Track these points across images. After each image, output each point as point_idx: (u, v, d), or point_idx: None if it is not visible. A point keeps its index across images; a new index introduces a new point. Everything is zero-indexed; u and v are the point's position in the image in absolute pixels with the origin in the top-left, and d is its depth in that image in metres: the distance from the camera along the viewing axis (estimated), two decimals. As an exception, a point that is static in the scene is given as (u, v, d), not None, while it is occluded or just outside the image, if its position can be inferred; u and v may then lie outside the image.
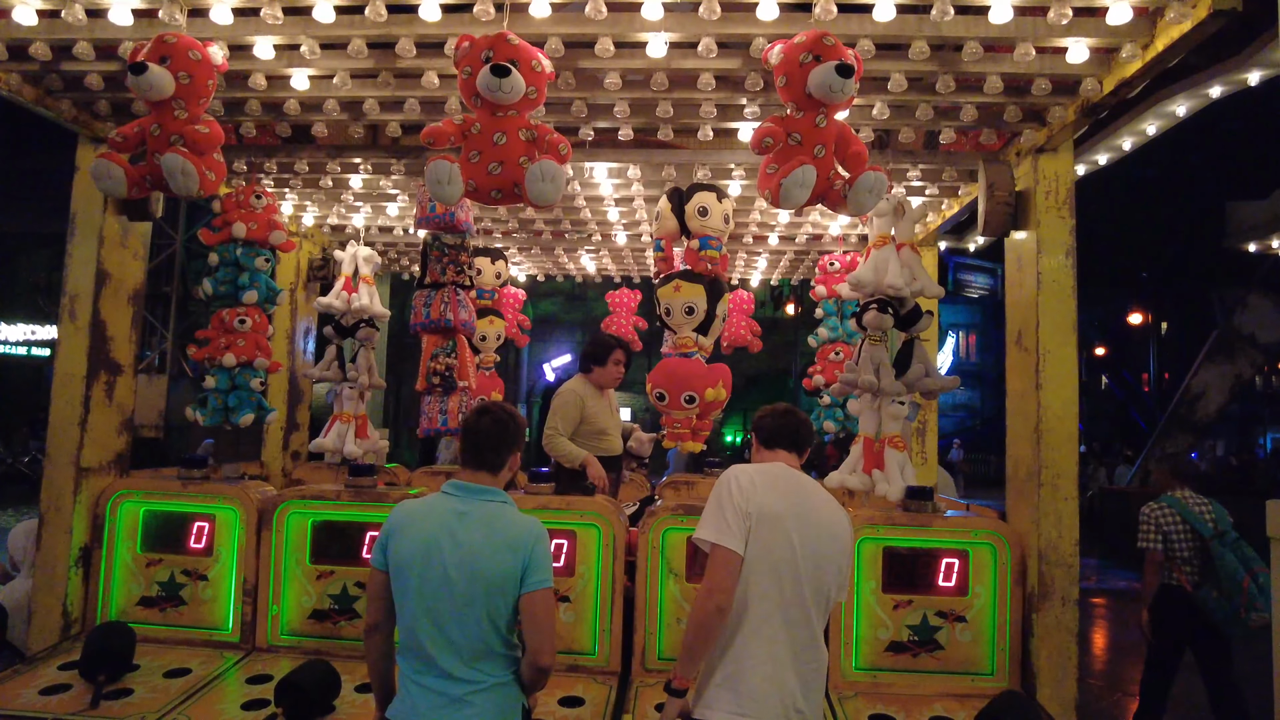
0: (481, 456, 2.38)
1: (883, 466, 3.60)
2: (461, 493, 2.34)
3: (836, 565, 2.34)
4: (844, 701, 3.19)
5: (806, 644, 2.26)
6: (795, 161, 2.36)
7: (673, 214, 3.80)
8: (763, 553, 2.25)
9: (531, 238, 5.46)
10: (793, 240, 5.28)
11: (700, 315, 3.73)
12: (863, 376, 3.56)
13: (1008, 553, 3.33)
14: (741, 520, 2.26)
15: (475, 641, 2.22)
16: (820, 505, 2.37)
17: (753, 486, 2.30)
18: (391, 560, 2.28)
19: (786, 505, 2.29)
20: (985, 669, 3.31)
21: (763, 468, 2.41)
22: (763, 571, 2.25)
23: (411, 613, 2.23)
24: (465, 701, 2.18)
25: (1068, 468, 3.34)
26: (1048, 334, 3.39)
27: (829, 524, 2.35)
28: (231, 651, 3.53)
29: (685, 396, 3.64)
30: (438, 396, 3.85)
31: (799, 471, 2.44)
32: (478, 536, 2.25)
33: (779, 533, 2.26)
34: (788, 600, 2.25)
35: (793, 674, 2.23)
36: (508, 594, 2.23)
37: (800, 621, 2.26)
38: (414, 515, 2.32)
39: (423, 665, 2.23)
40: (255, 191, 4.20)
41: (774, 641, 2.23)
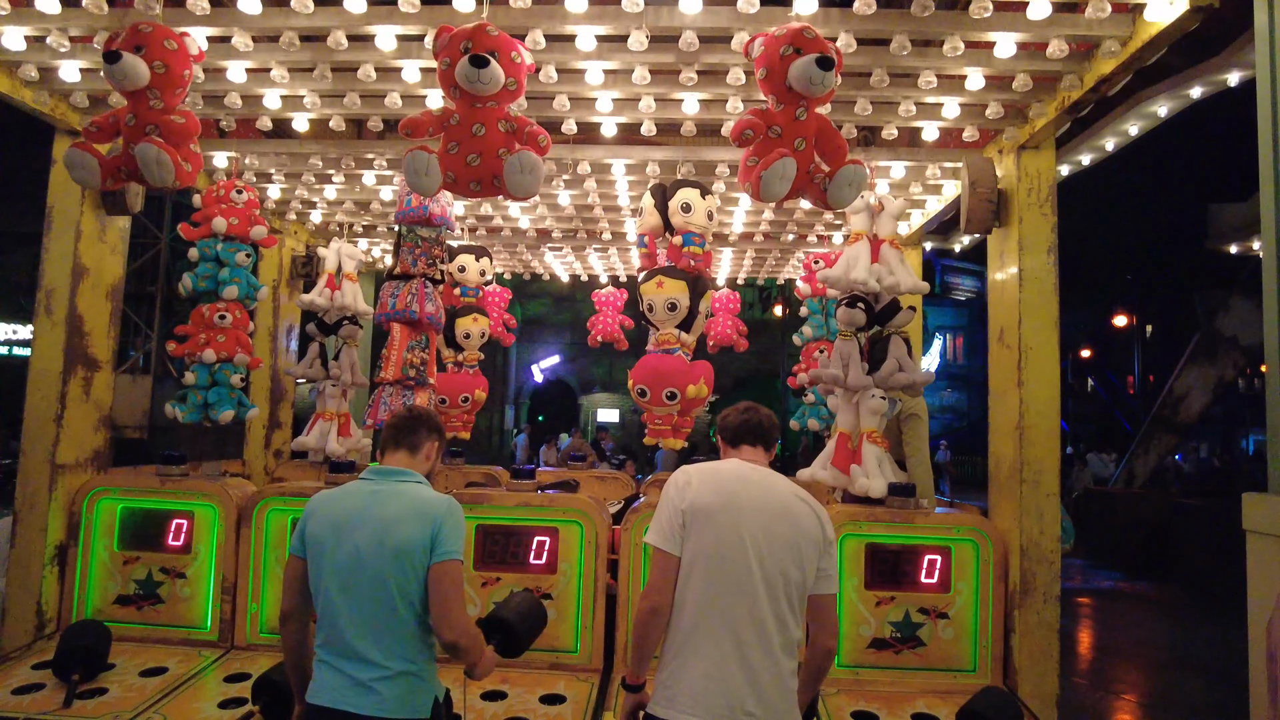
0: (399, 437, 2.43)
1: (859, 461, 3.59)
2: (377, 475, 2.36)
3: (796, 556, 2.24)
4: (826, 698, 3.18)
5: (758, 641, 2.17)
6: (775, 154, 2.35)
7: (656, 210, 3.79)
8: (701, 549, 2.22)
9: (516, 235, 5.44)
10: (778, 239, 5.28)
11: (683, 312, 3.72)
12: (826, 371, 3.56)
13: (990, 549, 3.33)
14: (677, 519, 2.24)
15: (388, 620, 2.19)
16: (775, 496, 2.30)
17: (688, 484, 2.28)
18: (308, 542, 2.27)
19: (726, 499, 2.25)
20: (967, 666, 3.31)
21: (706, 465, 2.39)
22: (702, 568, 2.21)
23: (326, 593, 2.21)
24: (370, 687, 2.15)
25: (1049, 464, 3.34)
26: (1030, 331, 3.40)
27: (784, 515, 2.27)
28: (210, 650, 3.50)
29: (667, 393, 3.63)
30: (400, 390, 3.82)
31: (759, 465, 2.40)
32: (389, 510, 2.24)
33: (717, 528, 2.22)
34: (732, 596, 2.19)
35: (739, 672, 2.15)
36: (417, 566, 2.21)
37: (749, 618, 2.18)
38: (330, 498, 2.33)
39: (335, 647, 2.21)
40: (236, 186, 4.16)
41: (715, 638, 2.17)
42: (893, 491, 3.45)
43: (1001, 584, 3.32)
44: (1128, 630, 8.21)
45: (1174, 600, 9.84)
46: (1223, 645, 7.26)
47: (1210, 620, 8.41)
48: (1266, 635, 2.05)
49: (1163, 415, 12.83)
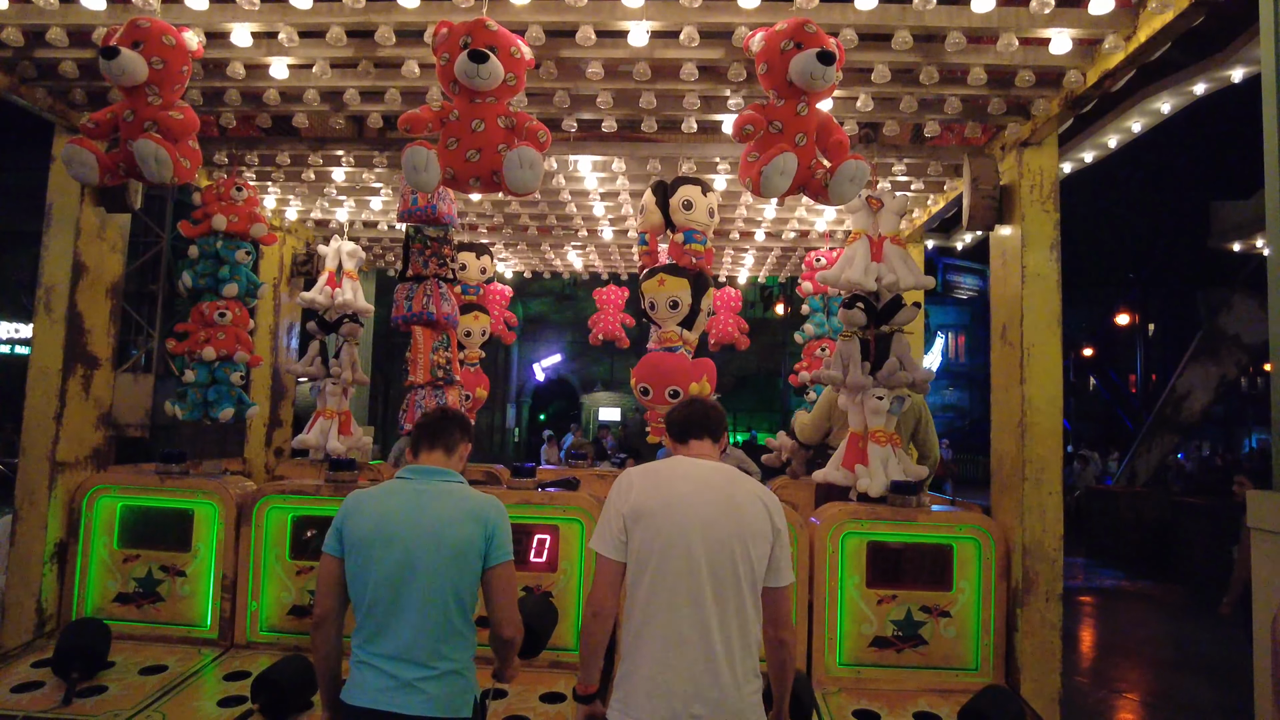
0: (435, 438, 2.45)
1: (865, 461, 3.58)
2: (418, 475, 2.38)
3: (744, 550, 2.19)
4: (828, 697, 3.16)
5: (702, 641, 2.13)
6: (776, 149, 2.34)
7: (657, 207, 3.78)
8: (644, 552, 2.19)
9: (517, 233, 5.43)
10: (779, 236, 5.27)
11: (685, 309, 3.70)
12: (825, 372, 3.55)
13: (992, 547, 3.32)
14: (618, 522, 2.23)
15: (440, 620, 2.21)
16: (717, 492, 2.25)
17: (630, 488, 2.27)
18: (348, 542, 2.27)
19: (666, 499, 2.22)
20: (970, 664, 3.29)
21: (649, 466, 2.37)
22: (646, 571, 2.18)
23: (371, 593, 2.21)
24: (416, 687, 2.16)
25: (1052, 462, 3.33)
26: (1032, 328, 3.39)
27: (728, 509, 2.22)
28: (210, 648, 3.49)
29: (669, 391, 3.62)
30: (431, 391, 3.81)
31: (704, 460, 2.36)
32: (441, 509, 2.28)
33: (659, 529, 2.19)
34: (676, 597, 2.15)
35: (684, 676, 2.11)
36: (472, 564, 2.26)
37: (694, 618, 2.14)
38: (371, 496, 2.35)
39: (378, 647, 2.20)
40: (236, 184, 4.16)
41: (659, 641, 2.14)
42: (895, 490, 3.43)
43: (1004, 582, 3.31)
44: (1130, 629, 8.20)
45: (1176, 599, 9.81)
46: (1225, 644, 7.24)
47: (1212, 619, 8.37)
48: (1271, 633, 2.03)
49: (1165, 414, 12.80)
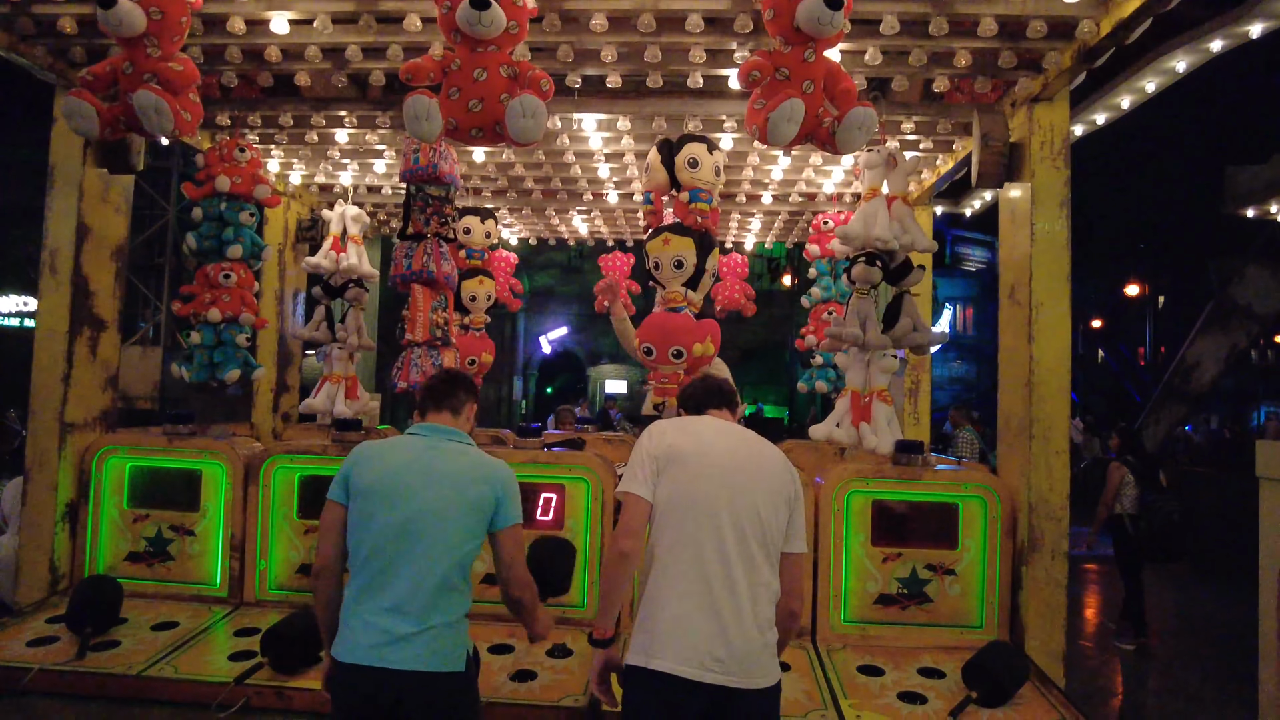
0: (442, 400, 2.47)
1: (870, 420, 3.57)
2: (429, 432, 2.40)
3: (770, 504, 2.27)
4: (832, 653, 3.18)
5: (727, 587, 2.18)
6: (782, 96, 2.30)
7: (662, 166, 3.74)
8: (674, 495, 2.23)
9: (521, 197, 5.39)
10: (786, 200, 5.22)
11: (689, 270, 3.68)
12: (847, 329, 3.53)
13: (998, 506, 3.31)
14: (651, 465, 2.27)
15: (440, 574, 2.22)
16: (748, 446, 2.35)
17: (663, 434, 2.33)
18: (354, 490, 2.28)
19: (699, 446, 2.29)
20: (974, 621, 3.31)
21: (681, 419, 2.44)
22: (674, 514, 2.22)
23: (372, 542, 2.23)
24: (408, 641, 2.17)
25: (1059, 420, 3.31)
26: (1041, 287, 3.35)
27: (757, 464, 2.31)
28: (220, 606, 3.53)
29: (673, 351, 3.60)
30: (428, 351, 3.80)
31: (728, 421, 2.45)
32: (450, 467, 2.30)
33: (690, 474, 2.24)
34: (702, 543, 2.20)
35: (708, 619, 2.15)
36: (478, 525, 2.29)
37: (718, 563, 2.19)
38: (380, 448, 2.37)
39: (372, 600, 2.21)
40: (239, 145, 4.13)
41: (684, 584, 2.18)
42: (900, 449, 3.43)
43: (1009, 540, 3.31)
44: (1139, 600, 8.20)
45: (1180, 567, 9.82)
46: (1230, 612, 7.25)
47: (1217, 588, 8.41)
48: (1278, 580, 2.03)
49: (1173, 385, 12.73)
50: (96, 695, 2.91)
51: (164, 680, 2.92)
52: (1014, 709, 2.79)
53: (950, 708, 2.77)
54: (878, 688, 2.93)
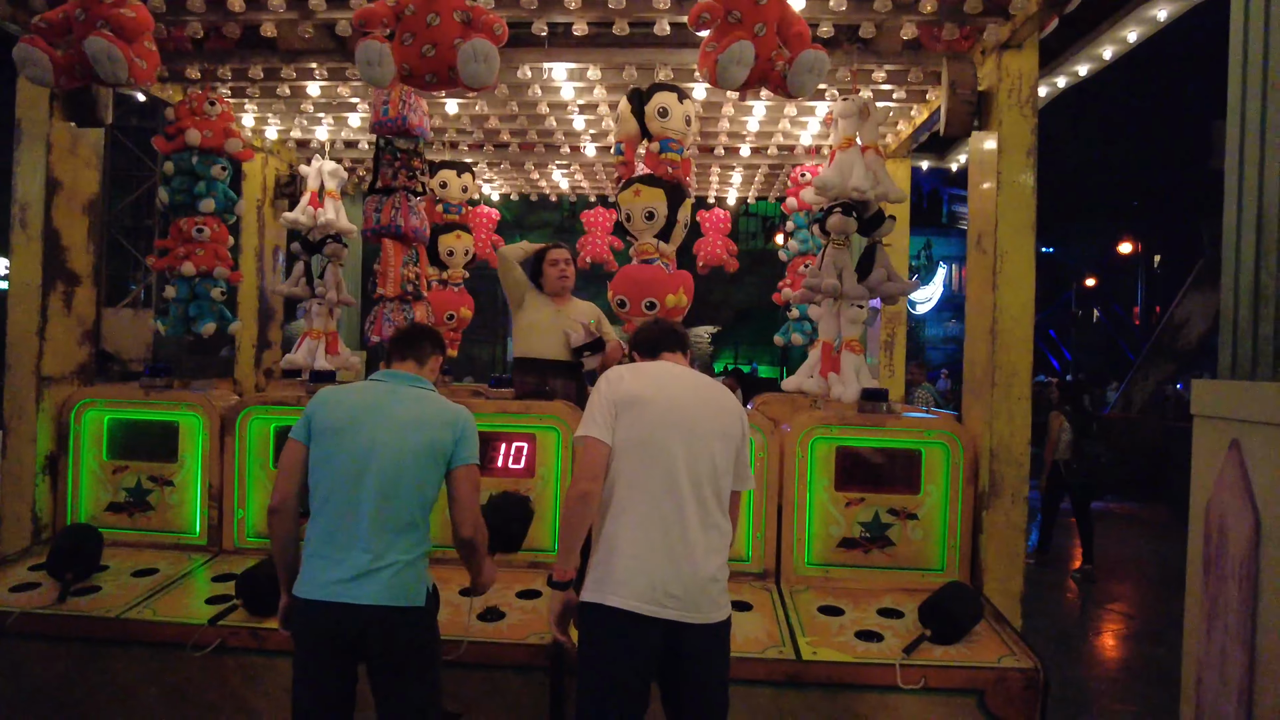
0: (407, 350, 2.56)
1: (839, 370, 3.61)
2: (389, 378, 2.47)
3: (723, 446, 2.37)
4: (795, 594, 3.27)
5: (681, 527, 2.26)
6: (732, 38, 2.30)
7: (633, 116, 3.72)
8: (631, 438, 2.30)
9: (499, 151, 5.37)
10: (764, 152, 5.20)
11: (661, 221, 3.68)
12: (825, 280, 3.55)
13: (960, 452, 3.37)
14: (609, 409, 2.33)
15: (398, 512, 2.29)
16: (701, 391, 2.43)
17: (620, 379, 2.40)
18: (315, 430, 2.34)
19: (655, 391, 2.36)
20: (936, 564, 3.38)
21: (637, 364, 2.52)
22: (631, 456, 2.30)
23: (331, 482, 2.29)
24: (368, 577, 2.24)
25: (1022, 368, 3.35)
26: (1006, 235, 3.37)
27: (710, 408, 2.40)
28: (199, 553, 3.60)
29: (646, 303, 3.63)
30: (399, 305, 3.83)
31: (681, 365, 2.54)
32: (411, 410, 2.36)
33: (646, 418, 2.32)
34: (658, 484, 2.28)
35: (664, 557, 2.24)
36: (437, 465, 2.35)
37: (673, 504, 2.27)
38: (342, 390, 2.47)
39: (332, 538, 2.28)
40: (209, 98, 4.10)
41: (641, 523, 2.26)
42: (865, 396, 3.47)
43: (971, 486, 3.37)
44: (1117, 548, 8.38)
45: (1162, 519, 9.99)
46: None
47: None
48: (1205, 515, 2.08)
49: (1162, 342, 12.80)
50: (76, 637, 2.99)
51: (142, 623, 3.00)
52: (966, 646, 2.88)
53: (904, 645, 2.85)
54: (836, 626, 3.02)
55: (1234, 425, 1.99)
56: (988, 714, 2.76)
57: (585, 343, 3.76)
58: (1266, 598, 1.86)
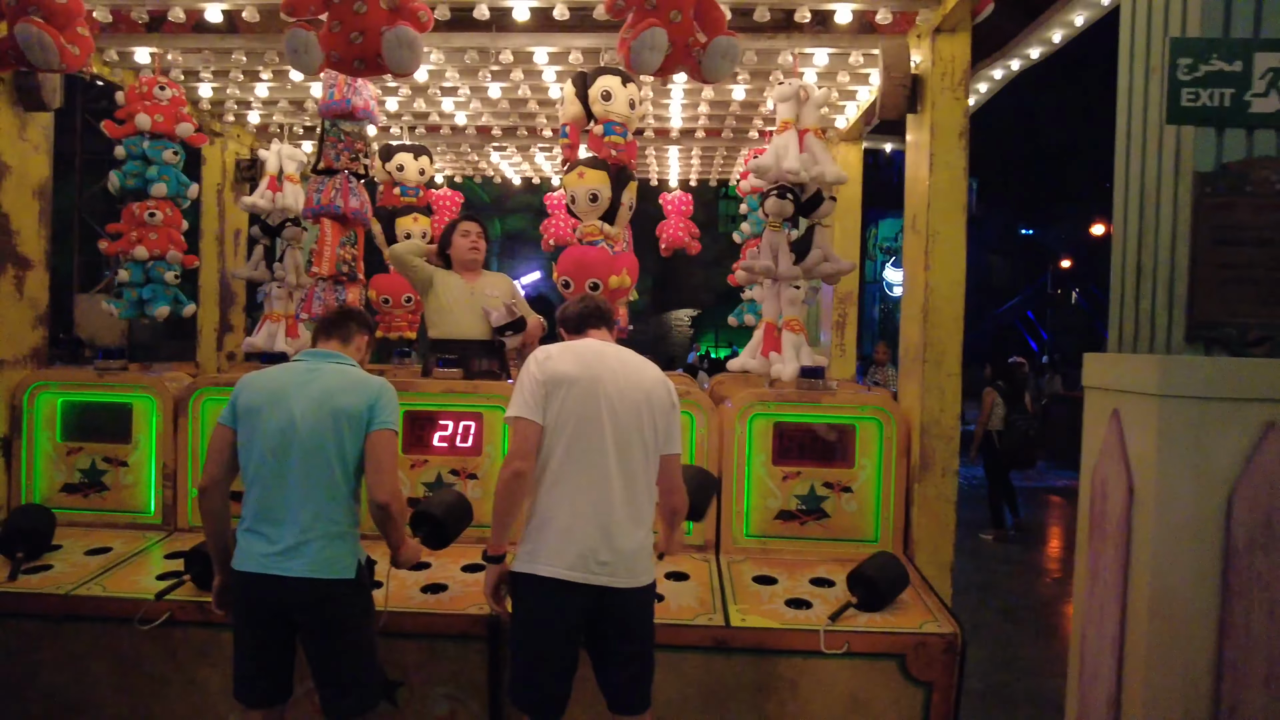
0: (332, 330, 2.63)
1: (779, 349, 3.71)
2: (311, 357, 2.54)
3: (650, 419, 2.47)
4: (733, 565, 3.37)
5: (609, 498, 2.38)
6: (646, 24, 2.37)
7: (577, 99, 3.78)
8: (562, 415, 2.40)
9: (456, 134, 5.41)
10: (719, 135, 5.27)
11: (605, 203, 3.75)
12: (759, 262, 3.63)
13: (894, 427, 3.47)
14: (539, 389, 2.41)
15: (321, 483, 2.36)
16: (628, 366, 2.53)
17: (548, 358, 2.48)
18: (240, 412, 2.42)
19: (583, 368, 2.45)
20: (869, 536, 3.50)
21: (562, 344, 2.61)
22: (562, 431, 2.39)
23: (259, 458, 2.36)
24: (297, 550, 2.33)
25: (952, 346, 3.45)
26: (938, 216, 3.46)
27: (637, 382, 2.49)
28: (154, 532, 3.66)
29: (590, 283, 3.70)
30: (333, 286, 3.89)
31: (606, 341, 2.63)
32: (328, 382, 2.43)
33: (575, 394, 2.41)
34: (589, 458, 2.38)
35: (595, 527, 2.35)
36: (355, 431, 2.41)
37: (603, 477, 2.38)
38: (263, 373, 2.53)
39: (264, 514, 2.36)
40: (159, 83, 4.13)
41: (572, 495, 2.37)
42: (803, 374, 3.57)
43: (904, 460, 3.48)
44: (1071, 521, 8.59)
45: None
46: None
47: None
48: (1092, 480, 2.19)
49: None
50: (26, 614, 3.06)
51: (93, 599, 3.07)
52: (891, 613, 2.99)
53: (831, 612, 2.97)
54: (768, 595, 3.12)
55: (1114, 395, 2.09)
56: (908, 677, 2.88)
57: (507, 322, 3.80)
58: (1136, 555, 1.98)
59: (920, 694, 2.88)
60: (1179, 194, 1.99)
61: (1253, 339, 1.91)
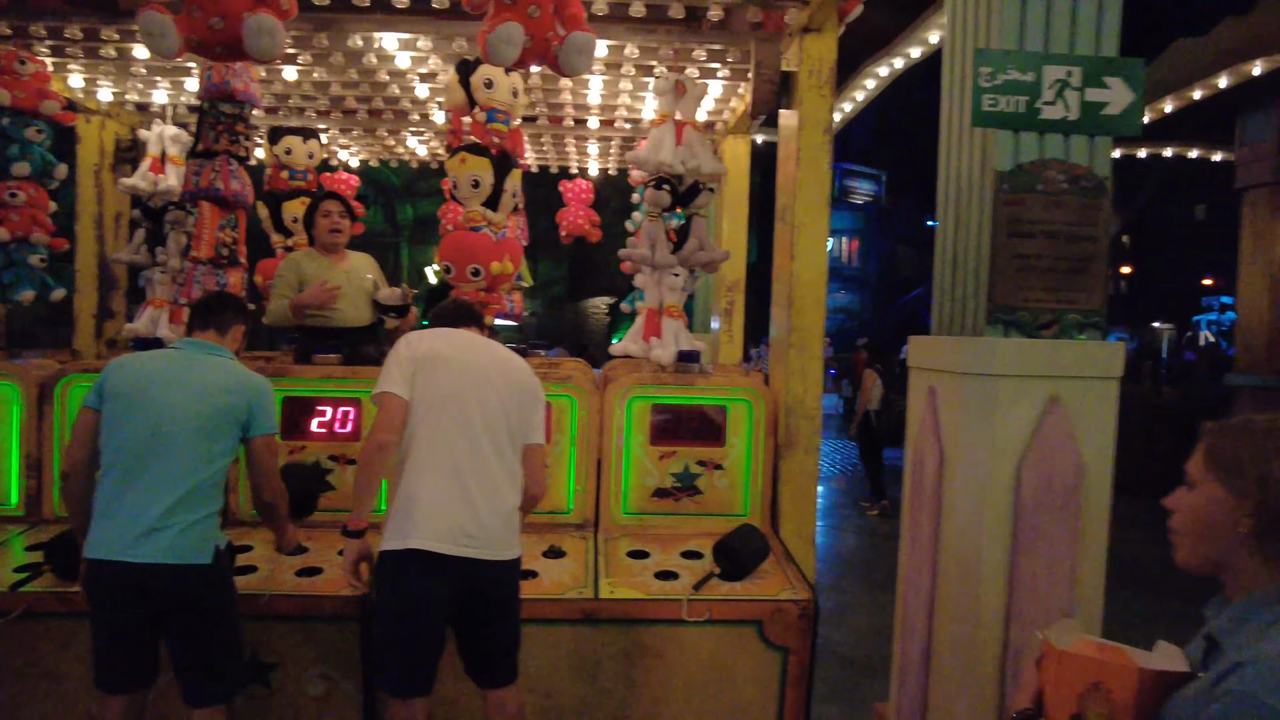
0: (208, 318, 2.62)
1: (659, 335, 3.85)
2: (186, 346, 2.52)
3: (516, 402, 2.59)
4: (610, 542, 3.50)
5: (476, 474, 2.47)
6: (502, 19, 2.44)
7: (460, 86, 3.81)
8: (430, 393, 2.49)
9: (349, 118, 5.35)
10: (613, 125, 5.36)
11: (487, 190, 3.80)
12: (636, 251, 3.76)
13: (762, 408, 3.65)
14: (408, 366, 2.50)
15: (187, 474, 2.38)
16: (497, 353, 2.67)
17: (420, 339, 2.58)
18: (106, 396, 2.40)
19: (452, 351, 2.57)
20: (739, 510, 3.67)
21: (434, 329, 2.71)
22: (429, 410, 2.48)
23: (118, 444, 2.36)
24: (152, 537, 2.34)
25: (815, 332, 3.65)
26: (803, 208, 3.64)
27: (504, 368, 2.62)
28: (16, 525, 3.55)
29: (470, 269, 3.75)
30: (213, 270, 3.83)
31: (476, 334, 2.76)
32: (207, 377, 2.45)
33: (443, 374, 2.51)
34: (455, 435, 2.47)
35: (461, 501, 2.44)
36: (232, 429, 2.43)
37: (469, 453, 2.48)
38: (135, 357, 2.53)
39: (121, 499, 2.36)
40: (19, 57, 3.96)
41: (439, 472, 2.45)
42: (680, 358, 3.72)
43: (771, 438, 3.66)
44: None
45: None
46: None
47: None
48: (914, 454, 2.39)
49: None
50: (-128, 609, 2.94)
51: (-55, 593, 2.98)
52: (751, 582, 3.17)
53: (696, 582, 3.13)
54: (639, 568, 3.27)
55: (930, 374, 2.29)
56: (766, 641, 3.07)
57: (397, 303, 3.84)
58: (945, 520, 2.18)
59: (778, 658, 3.08)
60: (984, 191, 2.19)
61: (1042, 322, 2.12)
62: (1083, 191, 2.15)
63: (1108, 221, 2.19)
